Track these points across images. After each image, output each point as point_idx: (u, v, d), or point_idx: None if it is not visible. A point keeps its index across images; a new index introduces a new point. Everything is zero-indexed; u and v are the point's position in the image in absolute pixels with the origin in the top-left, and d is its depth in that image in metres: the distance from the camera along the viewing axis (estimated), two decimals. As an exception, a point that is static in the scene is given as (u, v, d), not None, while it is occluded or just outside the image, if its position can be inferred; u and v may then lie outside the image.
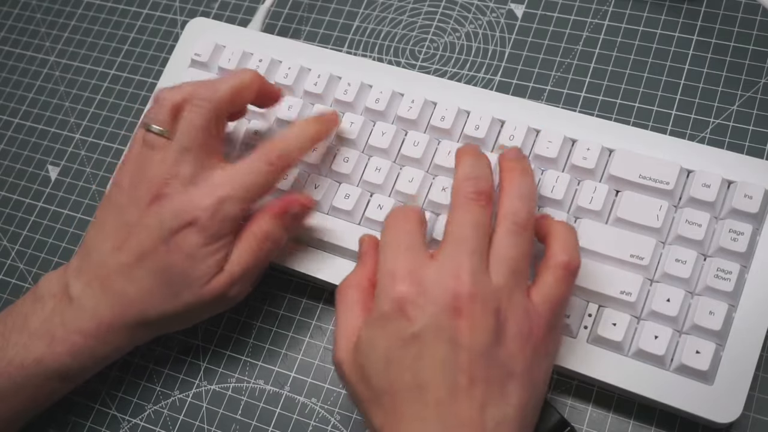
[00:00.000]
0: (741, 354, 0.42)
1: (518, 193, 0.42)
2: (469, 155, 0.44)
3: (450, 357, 0.38)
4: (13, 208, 0.61)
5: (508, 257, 0.40)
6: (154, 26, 0.65)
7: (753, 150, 0.50)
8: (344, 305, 0.43)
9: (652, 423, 0.45)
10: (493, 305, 0.39)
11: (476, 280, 0.39)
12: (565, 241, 0.42)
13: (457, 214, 0.41)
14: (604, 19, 0.56)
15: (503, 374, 0.38)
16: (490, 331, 0.38)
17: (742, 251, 0.44)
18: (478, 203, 0.41)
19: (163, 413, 0.51)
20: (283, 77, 0.54)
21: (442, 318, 0.38)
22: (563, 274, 0.41)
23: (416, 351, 0.38)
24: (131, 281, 0.46)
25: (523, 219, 0.41)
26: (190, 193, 0.45)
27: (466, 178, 0.42)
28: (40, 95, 0.65)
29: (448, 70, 0.57)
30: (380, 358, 0.39)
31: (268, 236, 0.47)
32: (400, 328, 0.39)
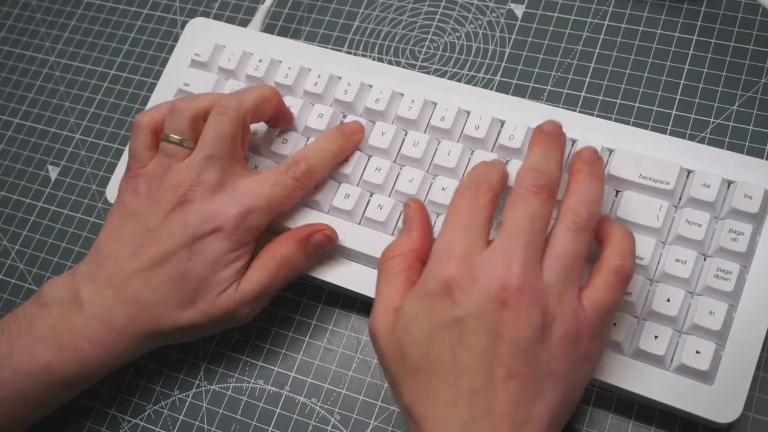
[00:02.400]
0: (741, 354, 0.42)
1: (583, 195, 0.41)
2: (542, 145, 0.42)
3: (490, 348, 0.37)
4: (13, 208, 0.61)
5: (564, 255, 0.39)
6: (154, 26, 0.65)
7: (753, 150, 0.50)
8: (388, 275, 0.42)
9: (652, 423, 0.45)
10: (541, 302, 0.38)
11: (527, 274, 0.38)
12: (620, 244, 0.41)
13: (515, 204, 0.40)
14: (604, 19, 0.56)
15: (542, 374, 0.38)
16: (534, 327, 0.38)
17: (742, 251, 0.44)
18: (539, 197, 0.40)
19: (163, 413, 0.51)
20: (283, 77, 0.54)
21: (487, 307, 0.38)
22: (615, 279, 0.40)
23: (457, 335, 0.38)
24: (147, 287, 0.46)
25: (584, 219, 0.40)
26: (216, 201, 0.46)
27: (530, 169, 0.41)
28: (40, 95, 0.65)
29: (448, 70, 0.57)
30: (421, 334, 0.39)
31: (287, 261, 0.47)
32: (445, 309, 0.38)
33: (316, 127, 0.52)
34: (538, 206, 0.40)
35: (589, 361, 0.40)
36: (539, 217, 0.40)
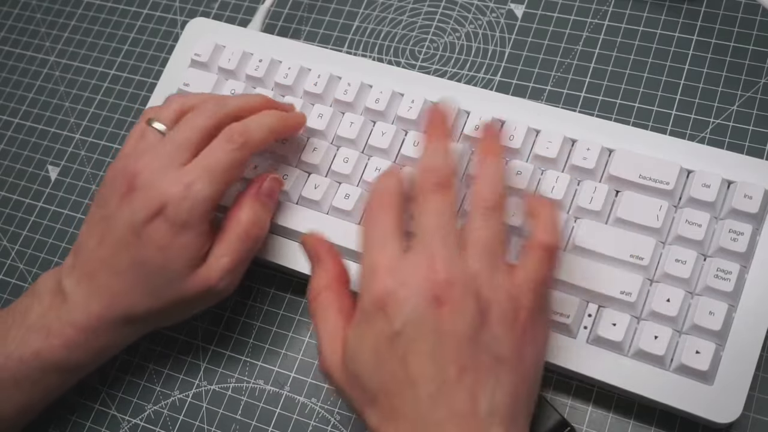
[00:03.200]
0: (741, 354, 0.42)
1: (485, 176, 0.42)
2: (428, 141, 0.43)
3: (436, 348, 0.37)
4: (13, 208, 0.61)
5: (481, 239, 0.40)
6: (154, 26, 0.65)
7: (753, 150, 0.50)
8: (320, 311, 0.42)
9: (652, 423, 0.45)
10: (472, 289, 0.38)
11: (451, 266, 0.38)
12: (545, 221, 0.41)
13: (421, 205, 0.41)
14: (604, 19, 0.56)
15: (492, 359, 0.38)
16: (472, 315, 0.38)
17: (742, 251, 0.44)
18: (437, 194, 0.41)
19: (163, 413, 0.51)
20: (283, 77, 0.54)
21: (422, 310, 0.38)
22: (544, 254, 0.40)
23: (402, 346, 0.38)
24: (114, 276, 0.46)
25: (492, 200, 0.41)
26: (159, 182, 0.45)
27: (425, 170, 0.42)
28: (40, 95, 0.65)
29: (448, 70, 0.57)
30: (369, 358, 0.39)
31: (252, 221, 0.47)
32: (383, 326, 0.38)
33: (316, 127, 0.52)
34: (440, 201, 0.40)
35: (535, 339, 0.40)
36: (445, 210, 0.40)
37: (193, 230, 0.45)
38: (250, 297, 0.53)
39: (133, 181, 0.46)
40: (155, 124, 0.48)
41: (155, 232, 0.45)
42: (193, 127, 0.47)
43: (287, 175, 0.51)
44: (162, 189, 0.45)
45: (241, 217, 0.47)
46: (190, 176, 0.45)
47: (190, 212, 0.45)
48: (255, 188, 0.48)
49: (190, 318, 0.53)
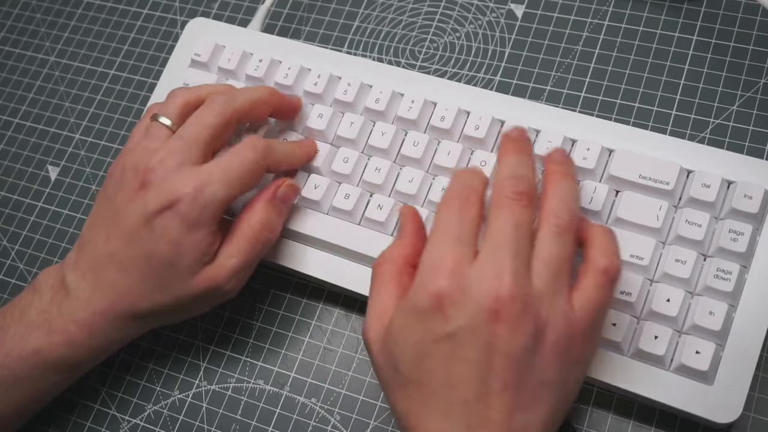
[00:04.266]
0: (741, 354, 0.42)
1: (560, 196, 0.41)
2: (513, 152, 0.42)
3: (484, 361, 0.37)
4: (13, 208, 0.61)
5: (551, 259, 0.39)
6: (154, 26, 0.65)
7: (753, 150, 0.50)
8: (378, 282, 0.42)
9: (652, 423, 0.45)
10: (533, 310, 0.38)
11: (518, 282, 0.38)
12: (604, 244, 0.41)
13: (498, 213, 0.40)
14: (604, 19, 0.56)
15: (537, 382, 0.38)
16: (528, 336, 0.37)
17: (742, 251, 0.44)
18: (520, 203, 0.40)
19: (163, 413, 0.51)
20: (283, 77, 0.54)
21: (479, 320, 0.37)
22: (603, 279, 0.40)
23: (450, 350, 0.38)
24: (121, 270, 0.46)
25: (566, 221, 0.40)
26: (173, 178, 0.45)
27: (507, 177, 0.41)
28: (40, 95, 0.65)
29: (448, 70, 0.57)
30: (412, 348, 0.39)
31: (264, 225, 0.47)
32: (436, 324, 0.38)
33: (316, 127, 0.52)
34: (520, 213, 0.40)
35: (582, 363, 0.40)
36: (523, 224, 0.39)
37: (203, 229, 0.45)
38: (250, 297, 0.53)
39: (147, 177, 0.46)
40: (161, 119, 0.48)
41: (167, 225, 0.45)
42: (204, 124, 0.47)
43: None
44: (176, 185, 0.45)
45: (252, 220, 0.47)
46: (207, 176, 0.45)
47: (202, 211, 0.45)
48: (270, 192, 0.48)
49: (191, 318, 0.53)
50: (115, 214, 0.46)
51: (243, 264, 0.47)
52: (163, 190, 0.45)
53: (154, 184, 0.45)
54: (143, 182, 0.46)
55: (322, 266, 0.50)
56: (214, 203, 0.45)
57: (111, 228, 0.46)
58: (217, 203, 0.45)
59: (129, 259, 0.46)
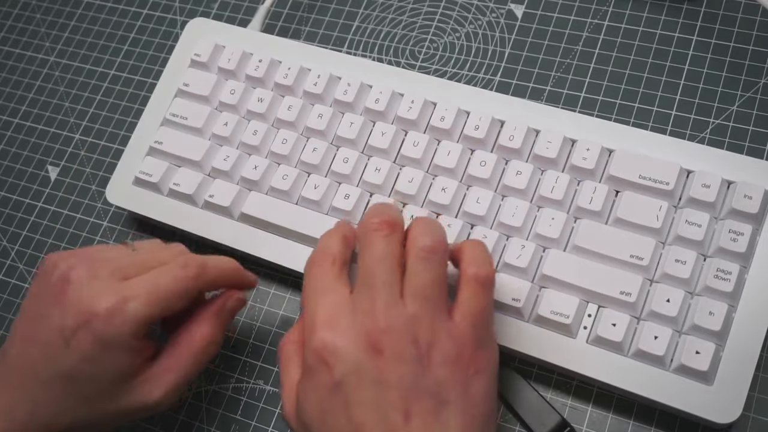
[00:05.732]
0: (741, 354, 0.42)
1: (422, 226, 0.41)
2: (377, 204, 0.43)
3: (378, 397, 0.37)
4: (13, 208, 0.61)
5: (420, 284, 0.39)
6: (154, 26, 0.65)
7: (753, 150, 0.50)
8: (283, 362, 0.42)
9: (652, 423, 0.45)
10: (410, 335, 0.38)
11: (390, 313, 0.38)
12: (471, 255, 0.41)
13: (364, 250, 0.40)
14: (603, 19, 0.56)
15: (437, 403, 0.38)
16: (412, 362, 0.38)
17: (741, 251, 0.44)
18: (381, 233, 0.40)
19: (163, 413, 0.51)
20: (283, 77, 0.54)
21: (361, 360, 0.38)
22: (475, 286, 0.40)
23: (344, 397, 0.38)
24: (40, 385, 0.43)
25: (429, 244, 0.40)
26: (92, 288, 0.42)
27: (371, 215, 0.42)
28: (40, 95, 0.65)
29: (447, 70, 0.57)
30: (314, 410, 0.39)
31: (211, 340, 0.45)
32: (324, 377, 0.38)
33: (316, 127, 0.52)
34: (384, 244, 0.40)
35: (481, 373, 0.39)
36: (388, 255, 0.40)
37: (121, 348, 0.42)
38: (250, 297, 0.53)
39: (66, 284, 0.43)
40: (129, 242, 0.47)
41: (82, 341, 0.42)
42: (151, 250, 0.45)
43: (287, 175, 0.51)
44: (94, 298, 0.42)
45: (197, 335, 0.45)
46: (129, 291, 0.42)
47: (118, 329, 0.42)
48: (218, 305, 0.46)
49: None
50: (34, 322, 0.44)
51: (181, 379, 0.44)
52: (79, 304, 0.42)
53: (71, 293, 0.42)
54: (62, 289, 0.43)
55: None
56: (132, 322, 0.42)
57: (30, 339, 0.43)
58: (136, 323, 0.42)
59: (46, 374, 0.43)
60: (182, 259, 0.44)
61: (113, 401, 0.43)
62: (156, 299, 0.43)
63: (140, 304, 0.42)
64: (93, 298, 0.42)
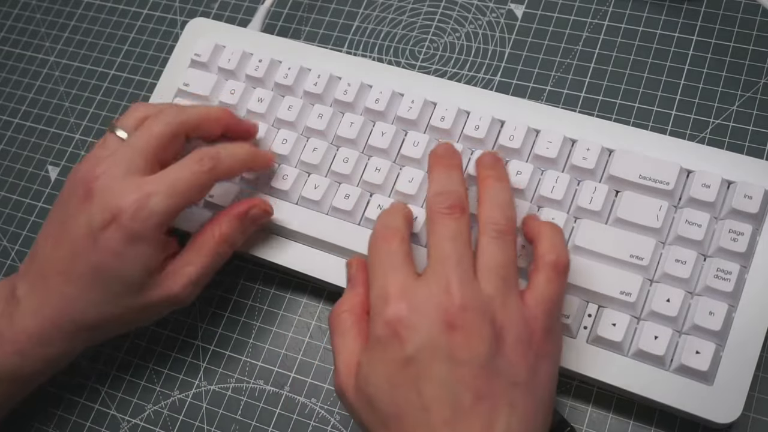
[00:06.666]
0: (741, 354, 0.42)
1: (495, 201, 0.42)
2: (441, 167, 0.44)
3: (450, 374, 0.37)
4: (13, 208, 0.61)
5: (495, 264, 0.40)
6: (154, 26, 0.65)
7: (753, 150, 0.50)
8: (339, 331, 0.42)
9: (652, 423, 0.45)
10: (487, 314, 0.38)
11: (466, 291, 0.39)
12: (551, 241, 0.42)
13: (434, 230, 0.41)
14: (603, 19, 0.56)
15: (507, 385, 0.38)
16: (487, 341, 0.38)
17: (742, 251, 0.44)
18: (452, 216, 0.41)
19: (163, 413, 0.51)
20: (283, 77, 0.54)
21: (436, 335, 0.38)
22: (553, 273, 0.41)
23: (415, 372, 0.38)
24: (68, 282, 0.46)
25: (503, 224, 0.41)
26: (116, 188, 0.45)
27: (437, 194, 0.42)
28: (40, 95, 0.65)
29: (448, 70, 0.57)
30: (382, 383, 0.39)
31: (226, 239, 0.47)
32: (396, 351, 0.38)
33: (316, 127, 0.52)
34: (454, 225, 0.41)
35: (548, 357, 0.40)
36: (459, 234, 0.40)
37: (146, 241, 0.45)
38: (250, 297, 0.53)
39: (91, 186, 0.45)
40: (118, 132, 0.48)
41: (110, 237, 0.44)
42: (150, 133, 0.47)
43: (287, 175, 0.51)
44: (119, 196, 0.44)
45: (216, 231, 0.47)
46: (150, 187, 0.45)
47: (144, 223, 0.44)
48: (243, 209, 0.48)
49: (190, 318, 0.53)
50: (62, 223, 0.46)
51: (199, 273, 0.47)
52: (105, 203, 0.45)
53: (97, 195, 0.45)
54: (87, 192, 0.45)
55: (322, 266, 0.50)
56: (157, 215, 0.45)
57: (58, 238, 0.46)
58: (160, 215, 0.45)
59: (76, 270, 0.45)
60: (197, 153, 0.46)
61: (138, 296, 0.46)
62: (175, 192, 0.45)
63: (162, 198, 0.44)
64: (118, 195, 0.44)
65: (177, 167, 0.46)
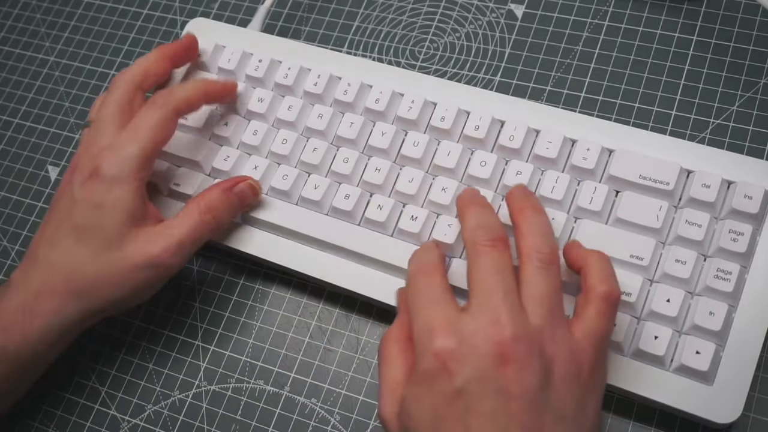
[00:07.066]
0: (741, 354, 0.42)
1: (537, 230, 0.41)
2: (474, 206, 0.43)
3: (500, 408, 0.36)
4: (13, 208, 0.61)
5: (542, 295, 0.39)
6: (154, 26, 0.65)
7: (753, 150, 0.50)
8: (385, 359, 0.41)
9: (652, 423, 0.45)
10: (537, 346, 0.37)
11: (517, 322, 0.37)
12: (601, 271, 0.41)
13: (477, 262, 0.40)
14: (604, 19, 0.56)
15: (555, 419, 0.37)
16: (538, 374, 0.37)
17: (742, 251, 0.44)
18: (497, 249, 0.40)
19: (163, 413, 0.51)
20: (283, 77, 0.54)
21: (486, 368, 0.37)
22: (605, 306, 0.40)
23: (464, 405, 0.37)
24: (54, 247, 0.47)
25: (547, 254, 0.40)
26: (93, 152, 0.48)
27: (476, 228, 0.41)
28: (40, 95, 0.65)
29: (448, 70, 0.57)
30: (427, 416, 0.38)
31: (210, 209, 0.48)
32: (445, 384, 0.37)
33: (316, 127, 0.52)
34: (498, 257, 0.40)
35: (595, 390, 0.39)
36: (504, 267, 0.39)
37: (124, 185, 0.47)
38: (250, 297, 0.53)
39: (74, 165, 0.48)
40: (88, 123, 0.50)
41: (89, 191, 0.47)
42: (108, 102, 0.49)
43: (287, 175, 0.51)
44: (96, 154, 0.47)
45: (201, 201, 0.48)
46: (121, 138, 0.48)
47: (119, 167, 0.47)
48: (229, 183, 0.49)
49: (190, 318, 0.53)
50: (53, 204, 0.49)
51: (182, 236, 0.47)
52: (86, 163, 0.48)
53: (79, 165, 0.48)
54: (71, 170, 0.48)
55: (322, 266, 0.50)
56: (130, 158, 0.47)
57: (46, 218, 0.48)
58: (133, 158, 0.47)
59: (59, 235, 0.47)
60: (152, 98, 0.49)
61: (120, 252, 0.46)
62: (141, 134, 0.48)
63: (131, 142, 0.47)
64: (96, 155, 0.47)
65: (139, 114, 0.49)
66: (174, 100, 0.49)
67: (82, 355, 0.53)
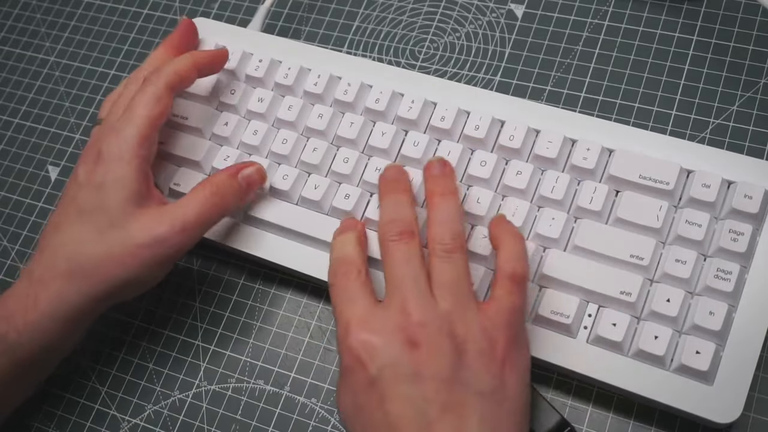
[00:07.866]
0: (741, 354, 0.42)
1: (440, 219, 0.43)
2: (389, 193, 0.45)
3: (414, 391, 0.38)
4: (13, 208, 0.61)
5: (450, 282, 0.41)
6: (154, 26, 0.65)
7: (753, 150, 0.50)
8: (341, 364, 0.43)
9: (652, 423, 0.45)
10: (446, 328, 0.39)
11: (424, 308, 0.40)
12: (509, 252, 0.42)
13: (388, 257, 0.42)
14: (604, 19, 0.56)
15: (472, 395, 0.38)
16: (448, 354, 0.38)
17: (742, 251, 0.44)
18: (402, 242, 0.42)
19: (163, 413, 0.51)
20: (283, 77, 0.54)
21: (397, 354, 0.39)
22: (511, 284, 0.41)
23: (380, 393, 0.38)
24: (58, 231, 0.47)
25: (449, 243, 0.42)
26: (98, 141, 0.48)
27: (387, 222, 0.43)
28: (40, 95, 0.65)
29: (448, 70, 0.57)
30: (350, 409, 0.40)
31: (217, 191, 0.48)
32: (360, 375, 0.39)
33: (316, 127, 0.52)
34: (406, 249, 0.42)
35: (515, 368, 0.40)
36: (412, 257, 0.42)
37: (124, 163, 0.47)
38: (250, 297, 0.53)
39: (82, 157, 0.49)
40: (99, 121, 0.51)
41: (92, 174, 0.47)
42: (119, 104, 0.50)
43: (287, 175, 0.51)
44: (100, 140, 0.48)
45: (207, 183, 0.48)
46: (119, 122, 0.48)
47: (118, 147, 0.47)
48: (235, 168, 0.50)
49: (190, 318, 0.53)
50: (62, 194, 0.49)
51: (188, 216, 0.47)
52: (89, 154, 0.48)
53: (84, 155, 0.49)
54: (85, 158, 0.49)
55: (322, 266, 0.50)
56: (130, 137, 0.47)
57: (56, 207, 0.49)
58: (132, 137, 0.47)
59: (64, 221, 0.47)
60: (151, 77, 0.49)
61: (124, 231, 0.46)
62: (137, 112, 0.48)
63: (128, 123, 0.48)
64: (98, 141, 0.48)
65: (134, 99, 0.49)
66: (164, 75, 0.49)
67: (82, 355, 0.53)
